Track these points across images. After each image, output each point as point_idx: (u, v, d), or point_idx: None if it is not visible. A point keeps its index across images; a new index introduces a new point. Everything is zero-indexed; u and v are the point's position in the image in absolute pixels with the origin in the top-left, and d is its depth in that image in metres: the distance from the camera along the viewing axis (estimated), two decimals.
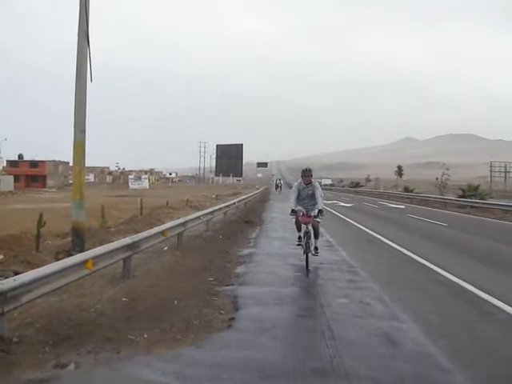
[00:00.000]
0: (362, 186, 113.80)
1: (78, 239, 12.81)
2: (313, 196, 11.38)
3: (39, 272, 6.80)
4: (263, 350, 5.90)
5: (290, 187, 13.84)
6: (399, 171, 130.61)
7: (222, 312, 7.54)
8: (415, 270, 11.52)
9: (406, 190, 64.98)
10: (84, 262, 7.89)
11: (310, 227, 11.23)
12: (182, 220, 14.82)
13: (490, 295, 8.67)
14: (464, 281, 9.87)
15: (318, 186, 11.63)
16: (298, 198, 11.51)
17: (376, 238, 17.68)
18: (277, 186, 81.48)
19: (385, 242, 16.28)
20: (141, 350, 5.87)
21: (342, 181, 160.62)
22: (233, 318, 7.19)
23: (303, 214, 11.24)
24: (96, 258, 8.31)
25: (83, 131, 12.90)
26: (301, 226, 11.59)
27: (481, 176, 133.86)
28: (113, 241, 11.59)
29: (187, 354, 5.80)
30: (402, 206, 39.07)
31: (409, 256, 13.34)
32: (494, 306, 8.10)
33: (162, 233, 12.35)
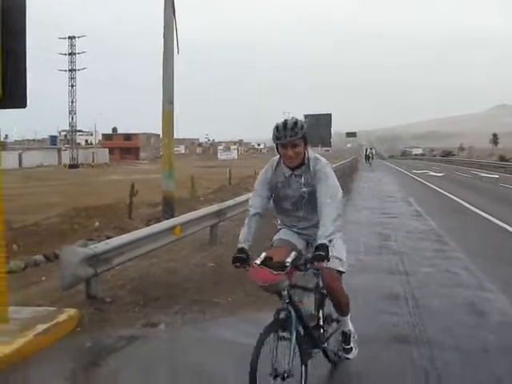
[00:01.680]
0: (453, 155, 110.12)
1: (168, 207, 13.25)
2: (311, 202, 4.08)
3: (129, 237, 7.12)
4: None
5: (383, 158, 11.38)
6: (494, 139, 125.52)
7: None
8: (507, 240, 11.08)
9: (502, 159, 62.30)
10: (172, 228, 8.16)
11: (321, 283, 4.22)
12: None
13: None
14: None
15: (329, 169, 4.09)
16: (278, 209, 4.39)
17: (466, 207, 17.10)
18: (367, 157, 64.54)
19: (476, 212, 15.71)
20: (226, 312, 6.07)
21: (433, 150, 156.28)
22: None
23: (268, 265, 3.55)
24: (184, 225, 8.58)
25: (171, 102, 13.22)
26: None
27: None
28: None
29: (271, 317, 5.90)
30: (496, 176, 37.46)
31: (500, 226, 12.82)
32: None
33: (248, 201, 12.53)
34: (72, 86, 77.09)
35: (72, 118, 77.63)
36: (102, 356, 4.87)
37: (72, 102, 76.87)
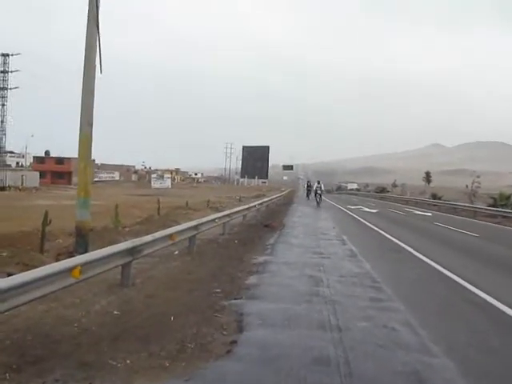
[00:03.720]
0: (387, 191, 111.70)
1: (82, 240, 11.99)
2: None
3: (14, 280, 5.90)
4: None
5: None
6: (427, 177, 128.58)
7: (224, 333, 6.56)
8: (446, 287, 10.34)
9: (434, 196, 63.27)
10: (70, 270, 6.97)
11: None
12: (194, 223, 13.86)
13: None
14: (501, 302, 8.64)
15: None
16: None
17: (401, 247, 16.49)
18: (314, 193, 48.09)
19: (411, 253, 15.07)
20: (119, 381, 4.92)
21: (367, 186, 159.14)
22: (234, 342, 6.17)
23: None
24: (86, 265, 7.38)
25: (90, 124, 12.06)
26: None
27: (510, 185, 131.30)
28: (122, 242, 10.71)
29: None
30: (429, 214, 37.61)
31: (437, 269, 12.12)
32: None
33: (169, 236, 11.39)
34: (3, 105, 74.36)
35: (1, 139, 74.68)
36: None
37: (2, 122, 74.10)
